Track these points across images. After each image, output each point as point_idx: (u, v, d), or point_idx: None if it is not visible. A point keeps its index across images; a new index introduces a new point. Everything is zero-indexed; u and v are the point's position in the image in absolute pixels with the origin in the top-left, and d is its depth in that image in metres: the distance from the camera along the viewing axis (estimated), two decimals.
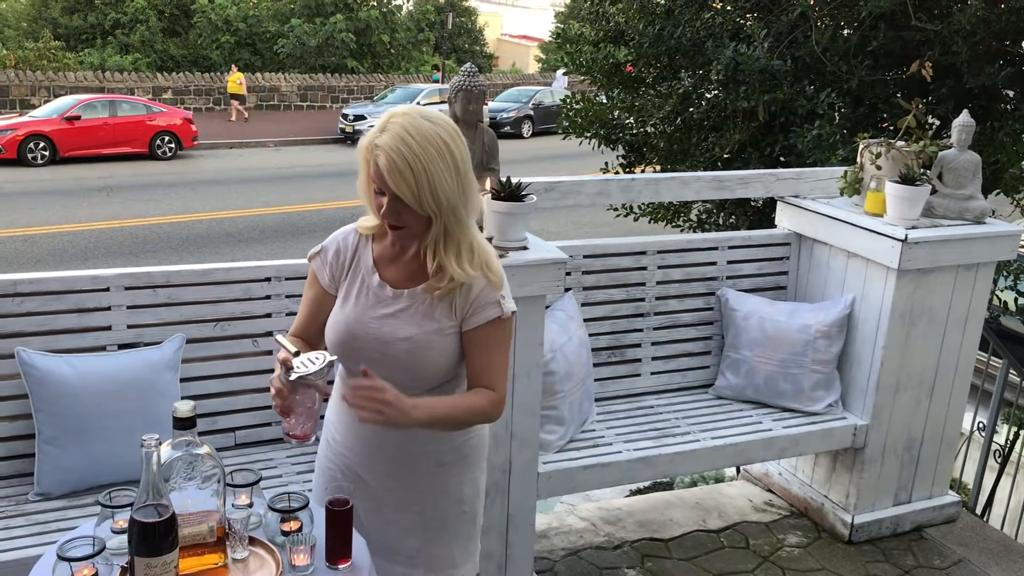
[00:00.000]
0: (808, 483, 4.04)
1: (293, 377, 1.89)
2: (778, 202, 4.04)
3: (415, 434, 2.07)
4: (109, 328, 2.90)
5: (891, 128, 5.23)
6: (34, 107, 20.59)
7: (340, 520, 1.93)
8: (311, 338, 2.17)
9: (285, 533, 1.94)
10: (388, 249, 2.10)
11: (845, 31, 5.61)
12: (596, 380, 3.64)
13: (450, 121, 1.99)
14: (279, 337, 2.03)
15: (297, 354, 1.96)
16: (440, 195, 1.93)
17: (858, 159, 3.79)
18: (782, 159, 5.67)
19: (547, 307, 3.21)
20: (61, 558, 1.78)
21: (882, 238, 3.49)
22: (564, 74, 27.52)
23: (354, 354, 2.06)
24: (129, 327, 2.92)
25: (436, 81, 28.89)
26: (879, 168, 3.63)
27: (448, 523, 2.21)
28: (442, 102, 22.61)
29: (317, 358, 1.93)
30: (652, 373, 3.83)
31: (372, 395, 1.86)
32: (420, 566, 2.20)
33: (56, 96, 21.26)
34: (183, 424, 1.82)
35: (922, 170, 3.54)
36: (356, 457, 2.16)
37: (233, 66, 25.61)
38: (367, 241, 2.13)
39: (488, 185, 2.93)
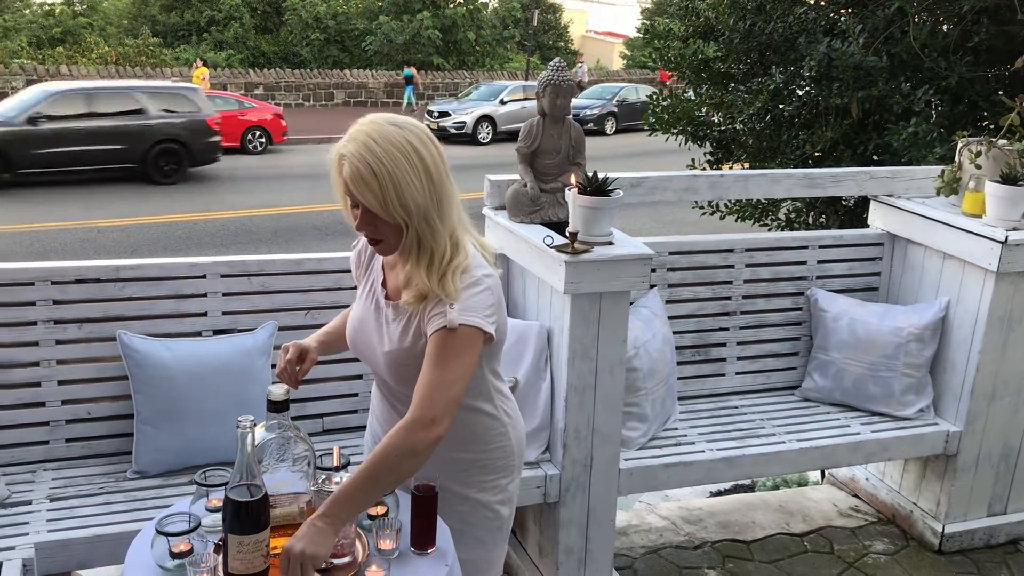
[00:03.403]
0: (896, 489, 3.94)
1: (313, 488, 1.89)
2: (871, 201, 3.95)
3: (447, 439, 2.00)
4: (205, 314, 3.00)
5: (991, 126, 5.05)
6: None
7: (426, 506, 1.95)
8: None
9: (371, 517, 1.98)
10: (394, 256, 2.09)
11: (944, 26, 5.44)
12: (679, 379, 3.61)
13: (422, 126, 1.94)
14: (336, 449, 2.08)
15: (342, 467, 1.99)
16: (408, 201, 1.87)
17: (956, 158, 3.67)
18: (875, 158, 5.53)
19: (631, 304, 3.20)
20: (160, 532, 1.85)
21: (980, 239, 3.37)
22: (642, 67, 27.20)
23: (358, 352, 2.15)
24: (224, 313, 3.01)
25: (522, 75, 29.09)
26: (978, 167, 3.52)
27: (471, 528, 2.18)
28: (526, 99, 22.69)
29: (346, 478, 1.88)
30: (737, 373, 3.78)
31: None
32: None
33: None
34: (277, 407, 1.87)
35: None
36: None
37: (198, 59, 24.76)
38: None
39: (573, 180, 2.93)
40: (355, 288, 2.18)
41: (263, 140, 19.35)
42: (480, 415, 2.12)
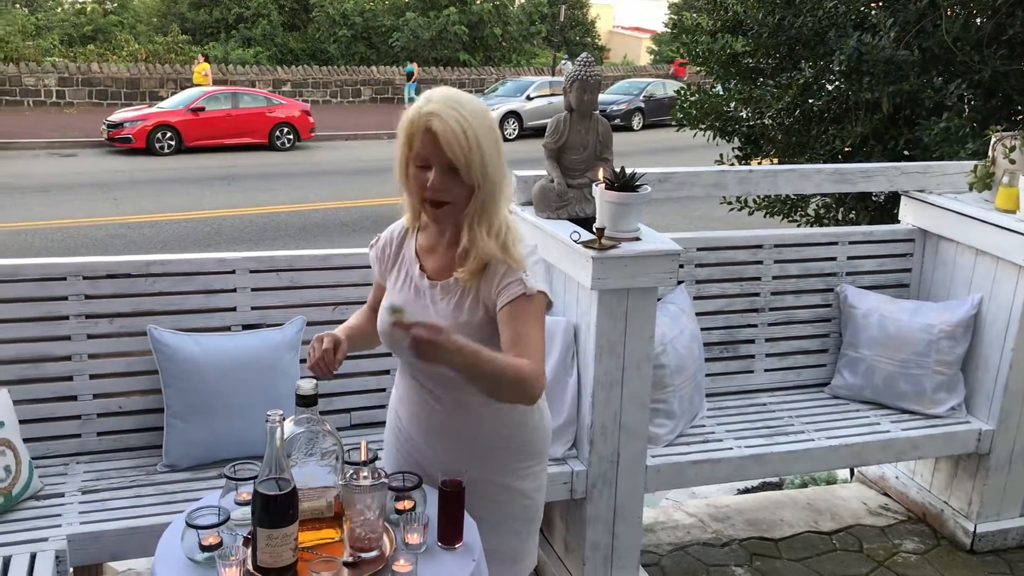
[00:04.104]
0: (927, 488, 3.89)
1: (343, 482, 1.89)
2: (902, 197, 3.90)
3: (481, 425, 2.10)
4: (234, 309, 3.02)
5: None
6: (162, 99, 21.49)
7: (453, 501, 1.96)
8: (368, 322, 2.25)
9: (399, 512, 1.98)
10: (429, 239, 2.13)
11: (978, 19, 5.36)
12: (707, 375, 3.59)
13: None
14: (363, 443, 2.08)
15: (370, 461, 1.98)
16: (487, 166, 1.94)
17: (990, 153, 3.63)
18: (906, 153, 5.46)
19: (659, 299, 3.18)
20: (190, 525, 1.86)
21: (1014, 235, 3.32)
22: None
23: (399, 343, 2.08)
24: (253, 308, 3.04)
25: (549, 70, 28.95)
26: (1012, 162, 3.47)
27: (508, 517, 2.21)
28: (552, 95, 22.65)
29: (374, 474, 1.90)
30: (766, 370, 3.75)
31: (434, 336, 1.83)
32: (485, 559, 2.21)
33: (182, 88, 22.16)
34: (306, 401, 1.88)
35: None
36: (420, 447, 2.18)
37: (200, 55, 24.80)
38: (412, 232, 2.17)
39: (601, 175, 2.92)
40: None
41: (291, 137, 19.47)
42: None
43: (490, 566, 2.20)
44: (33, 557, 2.41)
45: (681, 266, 3.46)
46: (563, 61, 28.00)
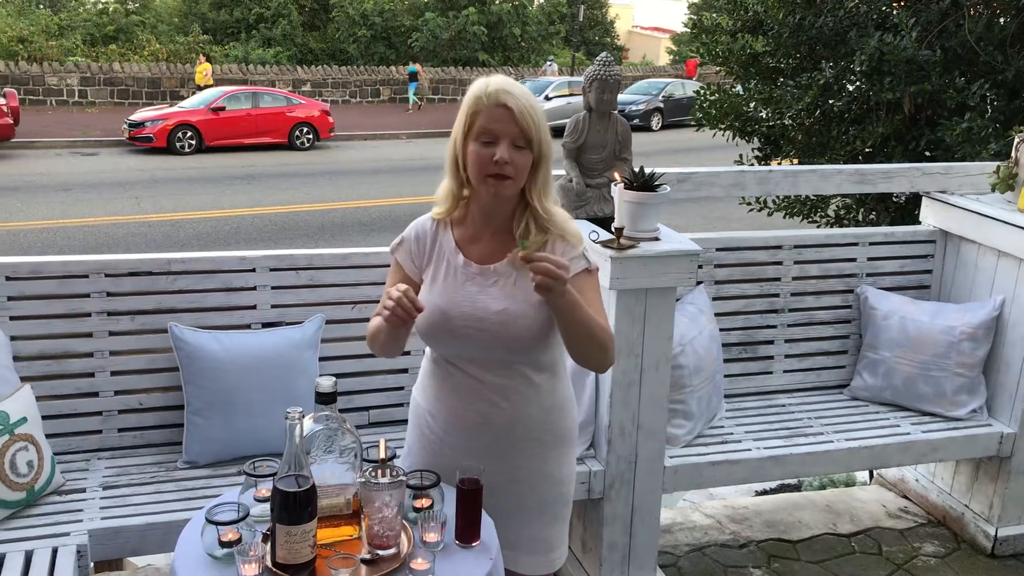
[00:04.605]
0: (947, 491, 3.87)
1: (361, 480, 1.89)
2: (923, 198, 3.88)
3: (520, 417, 2.12)
4: (254, 307, 3.04)
5: None
6: (183, 98, 21.66)
7: (471, 499, 1.96)
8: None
9: (417, 510, 1.99)
10: (468, 230, 2.16)
11: (1001, 19, 5.32)
12: (726, 376, 3.57)
13: None
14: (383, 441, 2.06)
15: (388, 459, 1.98)
16: (545, 143, 2.06)
17: (1012, 153, 3.59)
18: (928, 154, 5.43)
19: (677, 300, 3.18)
20: (209, 521, 1.88)
21: None
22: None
23: (448, 334, 2.11)
24: (273, 306, 3.05)
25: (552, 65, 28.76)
26: None
27: (547, 505, 2.24)
28: (571, 94, 22.61)
29: (392, 472, 1.91)
30: (785, 371, 3.73)
31: (557, 272, 1.89)
32: (520, 548, 2.23)
33: (204, 88, 22.29)
34: (325, 399, 1.89)
35: None
36: (459, 441, 2.17)
37: (201, 56, 24.82)
38: (445, 226, 2.18)
39: (619, 175, 2.91)
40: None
41: (310, 136, 19.56)
42: (561, 381, 2.21)
43: (527, 556, 2.22)
44: (55, 552, 2.44)
45: (700, 266, 3.45)
46: (547, 63, 27.63)
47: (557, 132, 2.51)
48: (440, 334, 2.12)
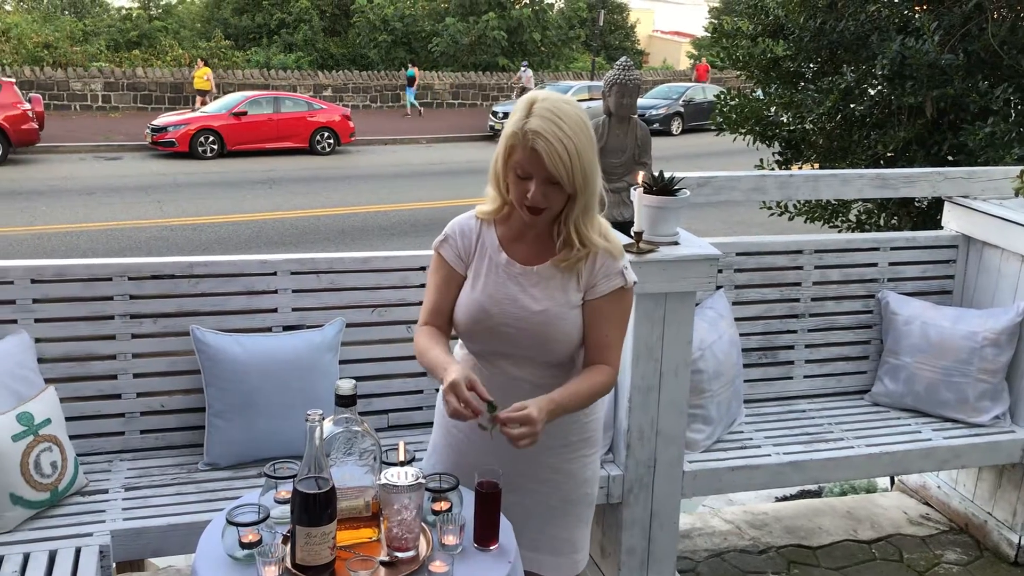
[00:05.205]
0: (970, 498, 3.83)
1: (381, 482, 1.90)
2: (945, 203, 3.85)
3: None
4: (275, 310, 3.05)
5: None
6: (205, 103, 21.79)
7: (489, 503, 1.96)
8: (444, 323, 2.20)
9: (436, 513, 2.00)
10: (511, 230, 2.16)
11: None
12: (746, 381, 3.56)
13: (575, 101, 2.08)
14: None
15: (407, 462, 2.00)
16: (588, 173, 2.01)
17: None
18: (950, 158, 5.39)
19: (697, 304, 3.17)
20: (230, 523, 1.89)
21: None
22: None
23: (488, 331, 2.12)
24: (294, 310, 3.07)
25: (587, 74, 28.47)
26: None
27: (571, 506, 2.25)
28: (591, 99, 22.59)
29: (411, 475, 1.90)
30: (805, 376, 3.71)
31: (532, 429, 1.93)
32: (543, 550, 2.24)
33: (225, 93, 22.44)
34: (345, 402, 1.90)
35: None
36: (480, 439, 2.14)
37: (199, 60, 24.57)
38: (489, 225, 2.19)
39: (639, 179, 2.92)
40: (421, 286, 2.20)
41: (331, 141, 19.63)
42: None
43: (551, 558, 2.24)
44: (78, 551, 2.46)
45: (720, 271, 3.44)
46: (522, 69, 26.98)
47: None
48: (480, 331, 2.14)
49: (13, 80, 17.53)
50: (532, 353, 2.12)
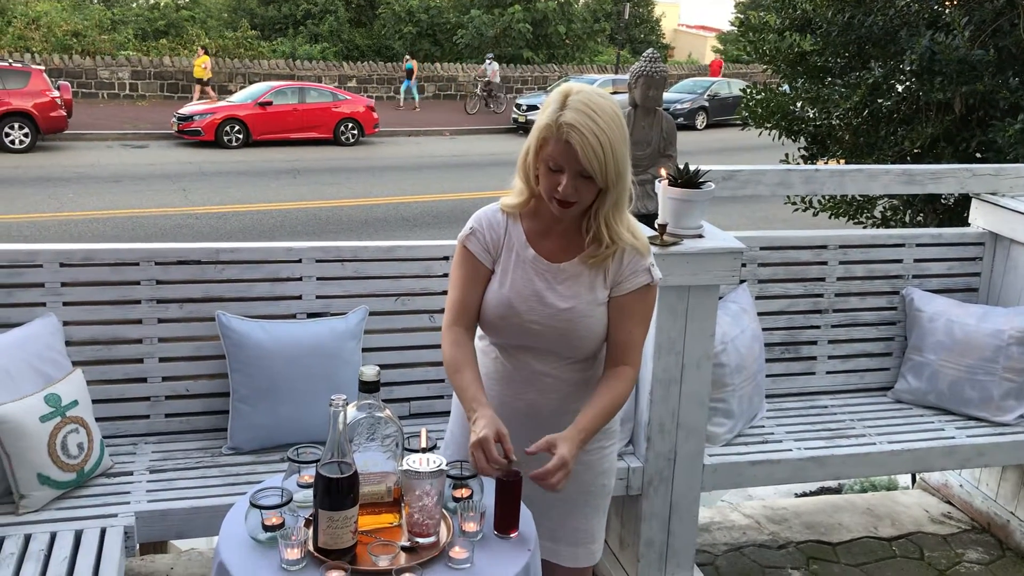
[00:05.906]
0: (992, 498, 3.81)
1: (403, 468, 1.90)
2: (972, 200, 3.82)
3: (569, 408, 2.12)
4: (300, 297, 3.08)
5: None
6: (231, 93, 21.91)
7: (510, 491, 1.97)
8: (471, 321, 2.18)
9: (456, 499, 2.01)
10: (538, 225, 2.15)
11: None
12: (768, 376, 3.55)
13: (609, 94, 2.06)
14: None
15: (429, 449, 2.01)
16: (621, 167, 2.00)
17: None
18: (978, 155, 5.34)
19: (720, 298, 3.16)
20: (254, 505, 1.91)
21: None
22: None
23: (513, 327, 2.12)
24: (318, 297, 3.09)
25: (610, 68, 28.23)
26: None
27: (589, 496, 2.26)
28: (615, 92, 22.50)
29: (433, 461, 1.91)
30: (828, 372, 3.70)
31: (565, 472, 1.94)
32: (561, 540, 2.25)
33: (251, 83, 22.55)
34: (368, 387, 1.91)
35: None
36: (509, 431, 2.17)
37: (200, 49, 24.56)
38: (515, 219, 2.17)
39: (664, 171, 2.91)
40: (445, 275, 2.20)
41: (355, 132, 19.68)
42: None
43: (568, 547, 2.25)
44: (103, 532, 2.50)
45: (744, 265, 3.43)
46: (487, 62, 26.22)
47: None
48: (505, 326, 2.14)
49: (42, 68, 17.69)
50: (557, 348, 2.13)
